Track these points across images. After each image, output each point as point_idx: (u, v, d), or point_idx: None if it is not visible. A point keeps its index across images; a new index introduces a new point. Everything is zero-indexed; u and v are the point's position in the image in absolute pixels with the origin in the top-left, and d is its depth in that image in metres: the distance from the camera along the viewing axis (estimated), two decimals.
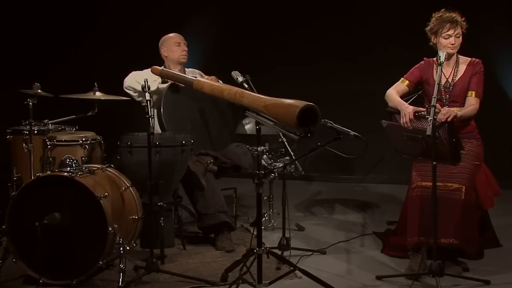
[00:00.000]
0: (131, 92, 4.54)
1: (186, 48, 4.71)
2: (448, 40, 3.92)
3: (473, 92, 3.93)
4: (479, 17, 4.28)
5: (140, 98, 4.53)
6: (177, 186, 4.26)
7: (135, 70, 4.60)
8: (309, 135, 3.02)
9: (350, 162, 5.69)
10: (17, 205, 3.52)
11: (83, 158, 4.15)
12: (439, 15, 3.97)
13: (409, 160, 4.11)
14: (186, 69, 4.73)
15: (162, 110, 4.32)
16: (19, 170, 4.30)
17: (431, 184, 3.46)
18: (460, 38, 3.93)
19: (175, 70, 4.43)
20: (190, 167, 4.23)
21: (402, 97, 4.04)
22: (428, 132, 3.36)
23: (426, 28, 4.01)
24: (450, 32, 3.91)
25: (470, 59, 4.02)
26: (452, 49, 3.92)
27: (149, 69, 4.33)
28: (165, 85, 4.43)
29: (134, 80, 4.46)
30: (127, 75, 4.59)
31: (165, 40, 4.74)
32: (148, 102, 3.60)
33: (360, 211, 5.49)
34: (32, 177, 3.92)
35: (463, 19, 3.94)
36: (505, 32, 6.28)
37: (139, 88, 4.39)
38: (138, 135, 4.04)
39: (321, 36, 6.77)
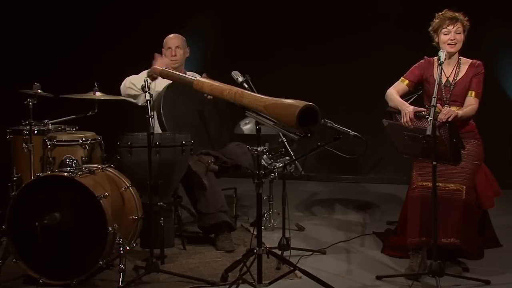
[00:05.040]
0: (129, 99, 4.55)
1: (175, 53, 4.65)
2: (447, 36, 3.92)
3: (473, 92, 3.94)
4: (479, 18, 4.27)
5: (140, 103, 4.53)
6: (177, 186, 4.26)
7: (135, 70, 4.61)
8: (309, 135, 3.01)
9: (350, 162, 5.68)
10: (17, 205, 3.52)
11: (83, 158, 4.15)
12: (441, 13, 3.98)
13: (409, 160, 4.11)
14: (187, 72, 4.72)
15: (162, 111, 4.31)
16: (19, 170, 4.30)
17: (431, 184, 3.46)
18: (461, 35, 3.93)
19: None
20: (192, 166, 4.23)
21: (402, 96, 4.03)
22: (428, 132, 3.36)
23: (429, 29, 4.01)
24: (450, 28, 3.91)
25: (471, 60, 4.02)
26: (451, 47, 3.91)
27: (146, 71, 4.33)
28: (161, 89, 4.41)
29: (125, 86, 4.49)
30: (127, 75, 4.59)
31: (164, 42, 4.75)
32: (148, 102, 3.60)
33: (360, 211, 5.49)
34: (32, 177, 3.92)
35: (466, 18, 3.95)
36: (506, 33, 6.28)
37: (133, 93, 4.44)
38: (138, 135, 4.04)
39: (321, 37, 6.77)
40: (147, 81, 3.67)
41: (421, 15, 4.18)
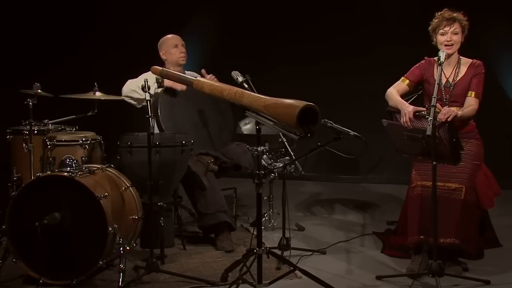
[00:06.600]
0: (130, 101, 4.55)
1: (184, 50, 4.70)
2: (444, 37, 3.92)
3: (473, 93, 3.93)
4: (479, 18, 4.27)
5: (140, 106, 4.53)
6: (177, 186, 4.26)
7: (135, 70, 4.60)
8: (309, 135, 3.01)
9: (350, 162, 5.68)
10: (17, 205, 3.52)
11: (83, 158, 4.16)
12: (440, 13, 3.98)
13: (409, 160, 4.11)
14: (185, 71, 4.72)
15: (159, 113, 4.30)
16: (19, 170, 4.31)
17: (431, 183, 3.46)
18: (459, 35, 3.92)
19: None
20: (191, 167, 4.23)
21: (402, 96, 4.04)
22: (428, 132, 3.36)
23: (428, 28, 4.01)
24: (446, 29, 3.91)
25: (471, 60, 4.02)
26: (448, 48, 3.90)
27: (145, 74, 4.33)
28: (160, 90, 4.40)
29: (130, 89, 4.47)
30: (127, 75, 4.58)
31: (163, 43, 4.73)
32: (148, 102, 3.60)
33: (360, 211, 5.49)
34: (32, 177, 3.93)
35: (465, 18, 3.94)
36: (506, 33, 6.28)
37: (137, 96, 4.43)
38: (138, 135, 4.04)
39: (321, 36, 6.77)
40: (146, 81, 3.67)
41: (422, 14, 4.18)
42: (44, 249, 3.40)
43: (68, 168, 3.69)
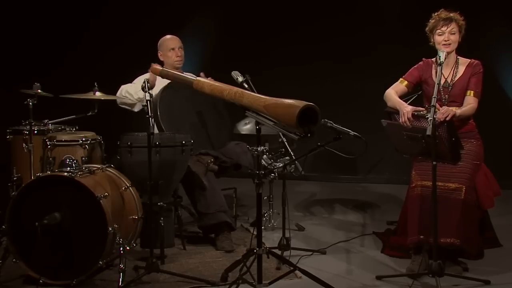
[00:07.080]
0: (125, 107, 4.55)
1: (180, 53, 4.69)
2: (442, 37, 3.93)
3: (472, 92, 3.94)
4: (479, 18, 4.29)
5: (137, 110, 4.53)
6: (177, 186, 4.26)
7: (135, 70, 4.60)
8: (309, 135, 3.01)
9: (350, 162, 5.70)
10: (17, 205, 3.52)
11: (83, 158, 4.16)
12: (436, 14, 3.98)
13: (409, 160, 4.11)
14: (184, 72, 4.70)
15: (159, 112, 4.30)
16: (19, 170, 4.30)
17: (431, 183, 3.46)
18: (456, 35, 3.93)
19: None
20: (191, 167, 4.23)
21: (401, 97, 4.04)
22: (428, 132, 3.36)
23: (425, 29, 4.02)
24: (443, 29, 3.92)
25: (469, 60, 4.02)
26: (446, 47, 3.91)
27: (140, 77, 4.33)
28: (157, 91, 4.40)
29: (122, 95, 4.50)
30: (127, 74, 4.58)
31: (161, 44, 4.73)
32: (148, 102, 3.60)
33: (360, 211, 5.49)
34: (32, 177, 3.92)
35: (462, 18, 3.95)
36: (505, 33, 6.29)
37: (129, 101, 4.44)
38: (138, 135, 4.04)
39: (321, 36, 6.77)
40: (147, 82, 3.66)
41: (421, 14, 4.18)
42: (44, 249, 3.40)
43: (68, 168, 3.68)
